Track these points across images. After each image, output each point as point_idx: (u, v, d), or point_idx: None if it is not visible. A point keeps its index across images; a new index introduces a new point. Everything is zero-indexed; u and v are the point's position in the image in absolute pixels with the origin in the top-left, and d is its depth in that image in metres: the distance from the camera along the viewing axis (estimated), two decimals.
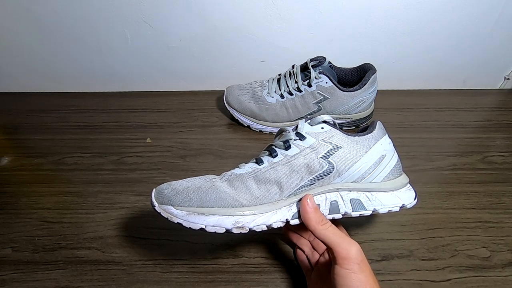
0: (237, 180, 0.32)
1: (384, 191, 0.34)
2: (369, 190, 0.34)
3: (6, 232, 0.43)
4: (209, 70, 0.69)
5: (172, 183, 0.32)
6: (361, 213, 0.33)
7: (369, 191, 0.34)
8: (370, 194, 0.34)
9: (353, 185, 0.34)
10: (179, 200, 0.31)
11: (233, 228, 0.30)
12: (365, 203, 0.34)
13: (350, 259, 0.28)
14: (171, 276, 0.38)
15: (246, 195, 0.32)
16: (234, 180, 0.32)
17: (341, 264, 0.29)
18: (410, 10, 0.58)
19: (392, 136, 0.37)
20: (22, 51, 0.66)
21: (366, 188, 0.34)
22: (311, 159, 0.33)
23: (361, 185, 0.34)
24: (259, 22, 0.61)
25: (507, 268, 0.38)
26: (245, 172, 0.33)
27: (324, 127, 0.34)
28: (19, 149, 0.58)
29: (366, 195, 0.34)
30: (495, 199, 0.46)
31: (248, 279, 0.38)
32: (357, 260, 0.28)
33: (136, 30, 0.62)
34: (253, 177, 0.33)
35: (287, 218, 0.32)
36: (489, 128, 0.60)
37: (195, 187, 0.31)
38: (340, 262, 0.29)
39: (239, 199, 0.31)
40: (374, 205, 0.34)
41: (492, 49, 0.64)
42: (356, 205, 0.34)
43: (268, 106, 0.56)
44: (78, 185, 0.50)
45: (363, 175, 0.34)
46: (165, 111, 0.65)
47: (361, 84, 0.53)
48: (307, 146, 0.33)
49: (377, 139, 0.35)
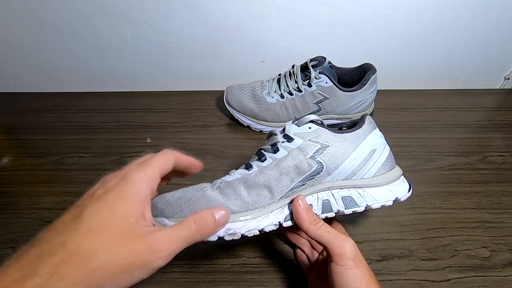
0: (227, 187, 0.32)
1: (376, 186, 0.34)
2: (361, 186, 0.34)
3: (6, 232, 0.43)
4: (209, 70, 0.69)
5: (165, 195, 0.32)
6: (354, 209, 0.33)
7: (361, 187, 0.34)
8: (362, 190, 0.34)
9: (344, 182, 0.34)
10: (171, 212, 0.31)
11: (225, 235, 0.31)
12: (357, 199, 0.33)
13: (344, 255, 0.28)
14: (171, 276, 0.38)
15: (236, 202, 0.32)
16: (225, 187, 0.32)
17: (336, 261, 0.29)
18: (410, 10, 0.58)
19: (392, 136, 0.37)
20: (22, 51, 0.66)
21: (358, 184, 0.34)
22: (299, 160, 0.33)
23: (352, 182, 0.34)
24: (259, 22, 0.61)
25: (507, 268, 0.38)
26: (235, 178, 0.33)
27: (311, 126, 0.34)
28: (19, 149, 0.58)
29: (358, 192, 0.34)
30: (495, 199, 0.46)
31: (248, 279, 0.38)
32: (352, 256, 0.28)
33: (136, 30, 0.62)
34: (243, 183, 0.33)
35: (280, 220, 0.32)
36: (489, 128, 0.60)
37: (187, 197, 0.32)
38: (335, 259, 0.29)
39: (230, 206, 0.31)
40: (367, 201, 0.33)
41: (492, 49, 0.64)
42: (348, 202, 0.33)
43: (268, 106, 0.56)
44: (78, 185, 0.50)
45: (353, 171, 0.33)
46: (165, 111, 0.65)
47: (361, 84, 0.53)
48: (295, 147, 0.33)
49: (367, 134, 0.34)
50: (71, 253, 0.20)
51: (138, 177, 0.25)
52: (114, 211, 0.23)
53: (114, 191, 0.24)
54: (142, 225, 0.23)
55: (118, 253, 0.21)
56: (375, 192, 0.34)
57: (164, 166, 0.27)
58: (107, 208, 0.23)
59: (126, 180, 0.24)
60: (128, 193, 0.24)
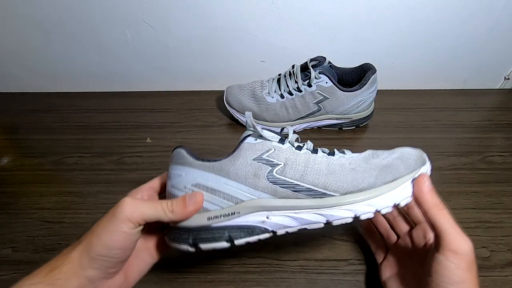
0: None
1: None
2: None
3: (6, 232, 0.43)
4: (209, 70, 0.69)
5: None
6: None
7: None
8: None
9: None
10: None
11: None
12: None
13: (459, 255, 0.27)
14: (171, 276, 0.38)
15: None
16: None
17: (447, 256, 0.27)
18: (410, 10, 0.58)
19: (392, 136, 0.37)
20: (22, 51, 0.66)
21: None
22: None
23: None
24: (259, 22, 0.61)
25: (507, 268, 0.38)
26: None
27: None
28: (19, 149, 0.58)
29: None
30: (495, 199, 0.46)
31: (248, 279, 0.38)
32: (468, 258, 0.27)
33: (136, 30, 0.62)
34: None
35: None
36: (489, 128, 0.60)
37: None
38: (447, 254, 0.27)
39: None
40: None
41: (492, 49, 0.64)
42: None
43: (268, 106, 0.56)
44: (78, 185, 0.50)
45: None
46: (165, 111, 0.65)
47: (361, 84, 0.53)
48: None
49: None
50: (81, 242, 0.28)
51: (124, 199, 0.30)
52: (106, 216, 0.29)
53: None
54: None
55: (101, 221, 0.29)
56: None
57: (151, 183, 0.34)
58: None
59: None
60: (115, 209, 0.29)
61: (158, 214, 0.28)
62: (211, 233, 0.30)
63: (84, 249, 0.27)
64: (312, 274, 0.38)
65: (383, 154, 0.32)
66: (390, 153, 0.32)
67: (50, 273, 0.26)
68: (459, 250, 0.27)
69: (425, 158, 0.32)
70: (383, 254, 0.36)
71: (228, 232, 0.30)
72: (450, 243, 0.27)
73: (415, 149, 0.33)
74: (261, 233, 0.31)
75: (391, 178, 0.30)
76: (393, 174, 0.30)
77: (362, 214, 0.29)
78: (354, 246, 0.41)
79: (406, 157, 0.32)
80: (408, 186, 0.30)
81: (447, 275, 0.27)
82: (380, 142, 0.56)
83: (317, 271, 0.39)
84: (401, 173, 0.30)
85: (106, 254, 0.27)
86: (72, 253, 0.27)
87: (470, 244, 0.27)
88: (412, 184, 0.30)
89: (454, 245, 0.27)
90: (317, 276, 0.38)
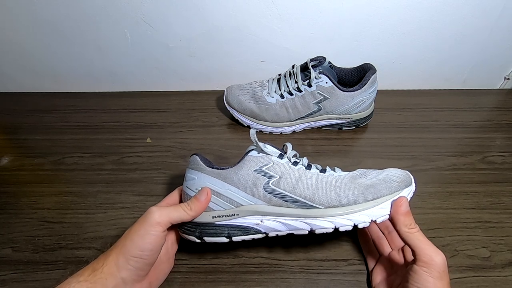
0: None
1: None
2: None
3: (6, 232, 0.43)
4: (209, 70, 0.69)
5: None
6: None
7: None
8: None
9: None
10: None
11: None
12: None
13: (431, 266, 0.30)
14: (171, 276, 0.38)
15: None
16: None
17: (421, 266, 0.30)
18: (410, 10, 0.58)
19: (392, 136, 0.37)
20: (22, 51, 0.66)
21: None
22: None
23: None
24: (259, 22, 0.61)
25: (507, 268, 0.38)
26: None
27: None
28: (19, 149, 0.58)
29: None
30: (495, 199, 0.46)
31: (248, 279, 0.38)
32: (439, 269, 0.29)
33: (136, 30, 0.62)
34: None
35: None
36: (489, 128, 0.60)
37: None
38: (420, 265, 0.30)
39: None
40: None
41: (492, 49, 0.64)
42: None
43: (268, 106, 0.56)
44: (78, 185, 0.50)
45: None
46: (165, 111, 0.65)
47: (361, 84, 0.53)
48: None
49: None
50: (116, 246, 0.32)
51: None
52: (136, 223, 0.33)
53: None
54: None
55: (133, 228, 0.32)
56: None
57: (171, 197, 0.38)
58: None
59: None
60: (145, 216, 0.32)
61: (180, 215, 0.33)
62: (214, 229, 0.35)
63: (120, 251, 0.30)
64: (312, 274, 0.38)
65: (371, 174, 0.36)
66: (377, 173, 0.36)
67: (93, 273, 0.29)
68: (431, 261, 0.30)
69: (411, 180, 0.36)
70: (375, 261, 0.38)
71: (228, 230, 0.35)
72: (423, 256, 0.30)
73: (403, 171, 0.36)
74: (255, 233, 0.35)
75: (372, 197, 0.33)
76: (374, 193, 0.34)
77: (341, 226, 0.33)
78: (354, 246, 0.41)
79: (390, 178, 0.35)
80: (387, 206, 0.34)
81: (421, 282, 0.30)
82: (380, 142, 0.56)
83: (317, 271, 0.39)
84: (382, 193, 0.34)
85: (139, 255, 0.30)
86: (110, 256, 0.30)
87: (442, 256, 0.30)
88: (391, 205, 0.33)
89: (426, 258, 0.30)
90: (317, 276, 0.38)
